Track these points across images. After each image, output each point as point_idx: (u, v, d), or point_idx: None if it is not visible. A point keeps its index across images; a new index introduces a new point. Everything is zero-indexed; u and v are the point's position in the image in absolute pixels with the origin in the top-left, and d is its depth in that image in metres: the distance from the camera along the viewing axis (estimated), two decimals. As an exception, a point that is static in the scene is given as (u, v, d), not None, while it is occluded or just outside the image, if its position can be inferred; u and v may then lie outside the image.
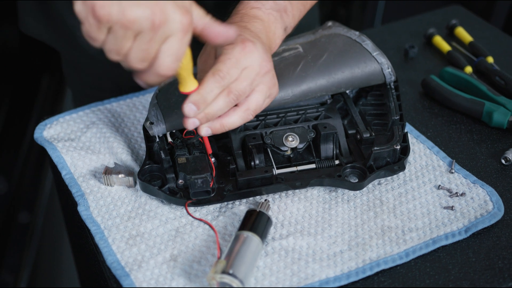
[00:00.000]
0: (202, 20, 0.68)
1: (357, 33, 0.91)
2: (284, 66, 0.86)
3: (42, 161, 1.79)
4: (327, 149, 0.84)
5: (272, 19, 0.81)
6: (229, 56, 0.72)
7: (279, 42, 0.83)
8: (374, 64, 0.88)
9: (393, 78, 0.89)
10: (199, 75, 0.77)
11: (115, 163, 0.83)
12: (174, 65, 0.65)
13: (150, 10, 0.61)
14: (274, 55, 0.86)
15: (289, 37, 0.89)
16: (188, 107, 0.71)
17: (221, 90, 0.71)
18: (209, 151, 0.81)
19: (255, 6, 0.81)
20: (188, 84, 0.71)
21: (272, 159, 0.83)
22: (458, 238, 0.76)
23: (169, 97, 0.84)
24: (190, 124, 0.72)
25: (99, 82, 1.16)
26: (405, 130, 0.86)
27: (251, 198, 0.80)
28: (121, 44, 0.62)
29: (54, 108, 1.95)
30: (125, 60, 0.64)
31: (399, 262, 0.73)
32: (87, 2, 0.60)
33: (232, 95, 0.72)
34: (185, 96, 0.85)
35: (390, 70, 0.88)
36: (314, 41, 0.91)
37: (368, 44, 0.89)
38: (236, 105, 0.74)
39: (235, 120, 0.75)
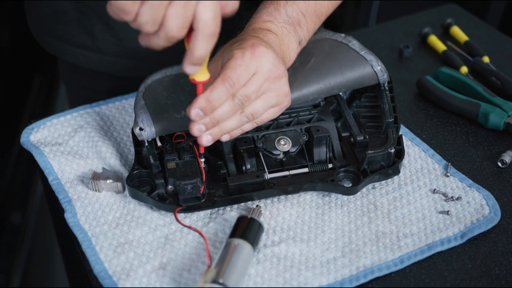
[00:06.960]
0: None
1: (343, 35, 0.90)
2: None
3: (34, 161, 1.77)
4: (320, 152, 0.82)
5: (286, 32, 0.80)
6: (239, 62, 0.70)
7: (293, 55, 0.82)
8: (364, 62, 0.87)
9: (385, 76, 0.87)
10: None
11: (103, 168, 0.81)
12: (216, 27, 0.64)
13: None
14: None
15: None
16: (195, 112, 0.70)
17: (229, 97, 0.71)
18: (202, 150, 0.79)
19: (267, 19, 0.80)
20: (200, 73, 0.69)
21: (264, 163, 0.81)
22: (454, 243, 0.74)
23: (157, 98, 0.82)
24: (196, 131, 0.72)
25: (94, 84, 1.13)
26: (400, 133, 0.84)
27: (242, 204, 0.78)
28: (157, 11, 0.61)
29: (45, 110, 1.93)
30: (162, 29, 0.62)
31: (393, 269, 0.72)
32: None
33: (237, 100, 0.71)
34: (174, 99, 0.83)
35: (380, 67, 0.87)
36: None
37: (355, 44, 0.88)
38: None
39: (232, 123, 0.73)
